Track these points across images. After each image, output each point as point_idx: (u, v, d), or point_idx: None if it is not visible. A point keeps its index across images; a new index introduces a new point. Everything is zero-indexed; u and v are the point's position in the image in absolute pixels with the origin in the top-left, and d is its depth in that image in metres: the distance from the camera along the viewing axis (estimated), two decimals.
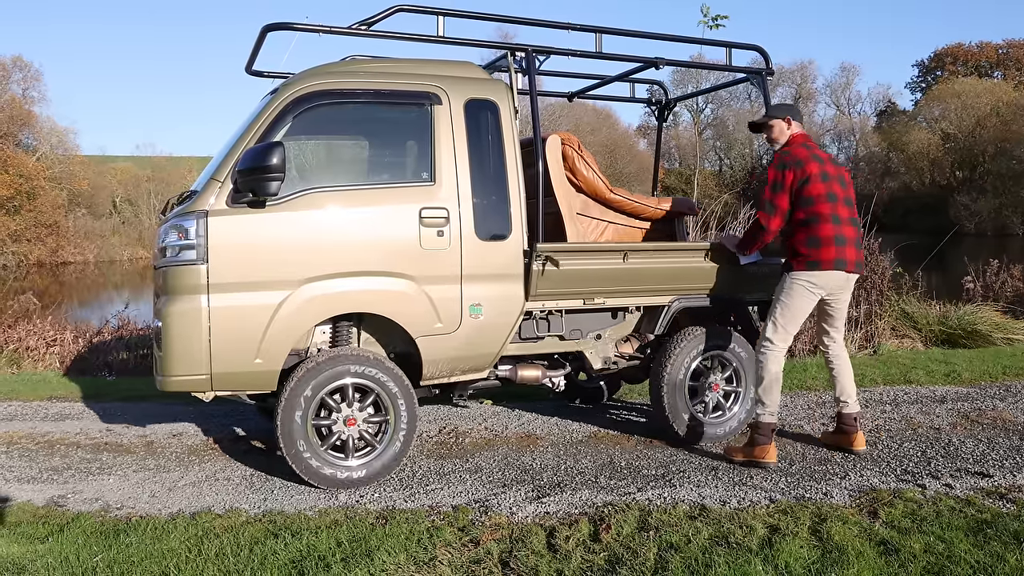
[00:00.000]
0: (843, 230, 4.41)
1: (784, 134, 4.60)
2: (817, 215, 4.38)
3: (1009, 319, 9.50)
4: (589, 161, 5.07)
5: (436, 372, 4.41)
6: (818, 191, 4.39)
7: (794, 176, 4.40)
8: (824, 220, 4.38)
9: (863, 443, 4.62)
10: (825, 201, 4.39)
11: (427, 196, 4.26)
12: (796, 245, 4.44)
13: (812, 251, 4.37)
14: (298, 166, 4.04)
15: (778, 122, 4.61)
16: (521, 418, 5.65)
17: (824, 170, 4.43)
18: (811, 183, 4.38)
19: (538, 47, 4.65)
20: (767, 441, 4.43)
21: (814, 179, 4.38)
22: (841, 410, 4.70)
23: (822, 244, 4.36)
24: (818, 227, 4.38)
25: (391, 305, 4.21)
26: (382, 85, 4.27)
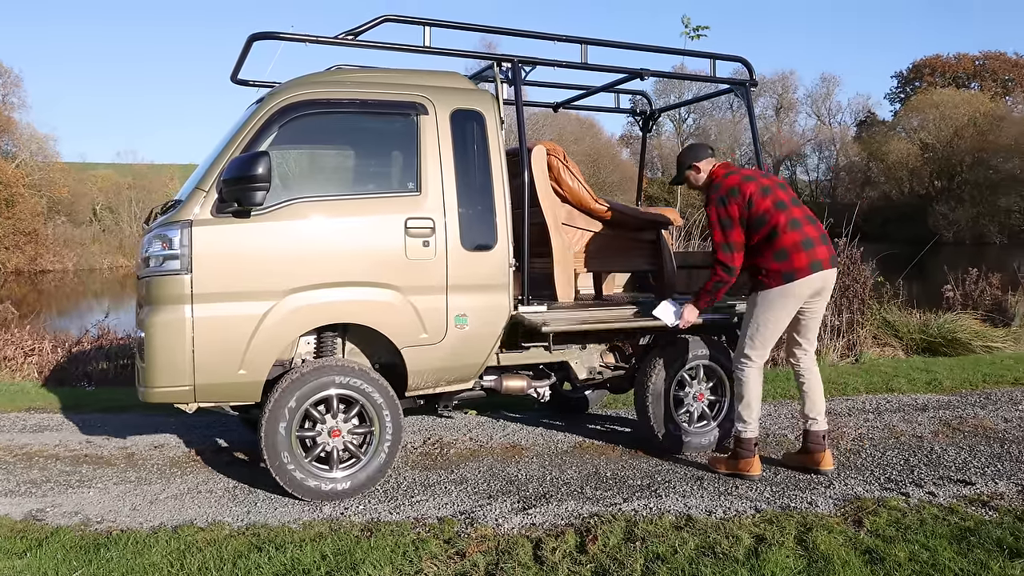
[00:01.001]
0: (806, 231, 4.35)
1: (703, 174, 4.58)
2: (776, 228, 4.32)
3: (988, 327, 9.61)
4: (574, 171, 5.08)
5: (421, 383, 4.40)
6: (766, 206, 4.33)
7: (737, 205, 4.33)
8: (784, 229, 4.32)
9: (831, 462, 4.50)
10: (777, 211, 4.34)
11: (413, 206, 4.26)
12: (765, 264, 4.33)
13: (783, 264, 4.29)
14: (283, 176, 4.02)
15: (689, 172, 4.61)
16: (506, 428, 5.64)
17: (760, 184, 4.39)
18: (755, 203, 4.33)
19: (524, 57, 4.66)
20: (750, 455, 4.43)
21: (756, 197, 4.33)
22: (809, 427, 4.57)
23: (791, 253, 4.29)
24: (781, 238, 4.31)
25: (376, 316, 4.19)
26: (368, 95, 4.26)
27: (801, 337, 4.57)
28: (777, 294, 4.31)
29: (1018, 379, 7.10)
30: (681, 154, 4.72)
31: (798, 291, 4.31)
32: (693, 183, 4.65)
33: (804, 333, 4.55)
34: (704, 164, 4.58)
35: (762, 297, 4.37)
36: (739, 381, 4.47)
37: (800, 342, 4.59)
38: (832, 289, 4.50)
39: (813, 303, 4.42)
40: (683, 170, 4.64)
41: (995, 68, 55.79)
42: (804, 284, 4.30)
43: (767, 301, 4.35)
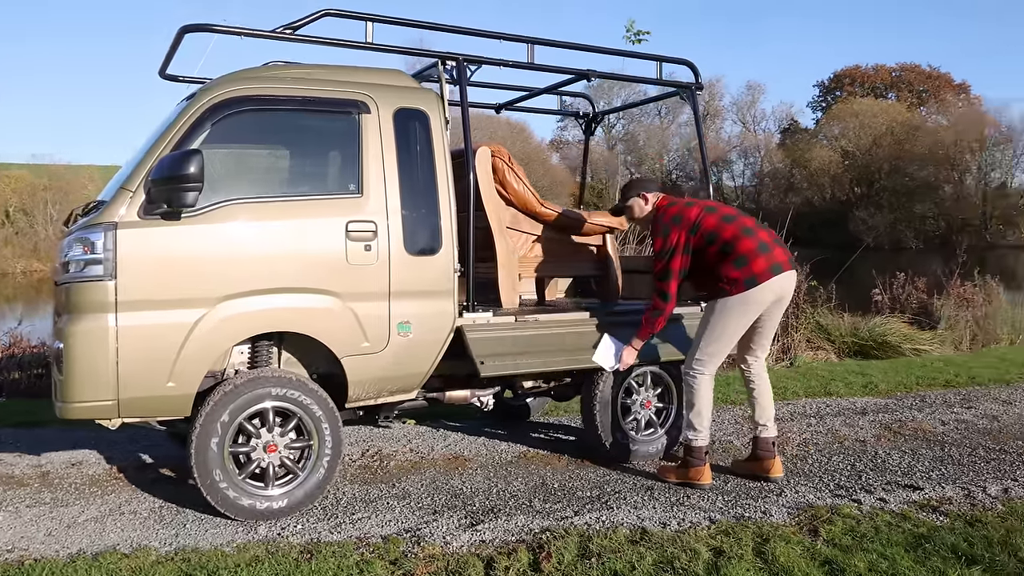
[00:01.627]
0: (760, 236, 4.33)
1: (645, 209, 4.57)
2: (730, 239, 4.28)
3: (915, 330, 9.87)
4: (519, 173, 4.95)
5: (362, 393, 4.20)
6: (714, 222, 4.32)
7: (680, 233, 4.32)
8: (739, 238, 4.28)
9: (781, 469, 4.48)
10: (727, 223, 4.32)
11: (354, 209, 4.06)
12: (726, 273, 4.26)
13: (744, 270, 4.23)
14: (216, 176, 3.78)
15: (636, 200, 4.58)
16: (447, 439, 5.47)
17: (703, 206, 4.42)
18: (703, 223, 4.31)
19: (469, 56, 4.51)
20: (701, 463, 4.36)
21: (703, 218, 4.33)
22: (759, 434, 4.54)
23: (750, 259, 4.25)
24: (737, 247, 4.26)
25: (315, 323, 3.98)
26: (307, 92, 4.05)
27: (755, 344, 4.53)
28: (738, 301, 4.25)
29: (949, 382, 7.25)
30: (631, 184, 4.67)
31: (760, 297, 4.26)
32: (636, 214, 4.64)
33: (758, 340, 4.52)
34: (648, 196, 4.57)
35: (722, 304, 4.30)
36: (690, 388, 4.40)
37: (753, 348, 4.55)
38: (792, 293, 4.48)
39: (773, 309, 4.39)
40: (630, 197, 4.60)
41: (910, 79, 57.93)
42: (766, 289, 4.25)
43: (727, 308, 4.28)
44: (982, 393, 6.77)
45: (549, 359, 4.52)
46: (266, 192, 3.98)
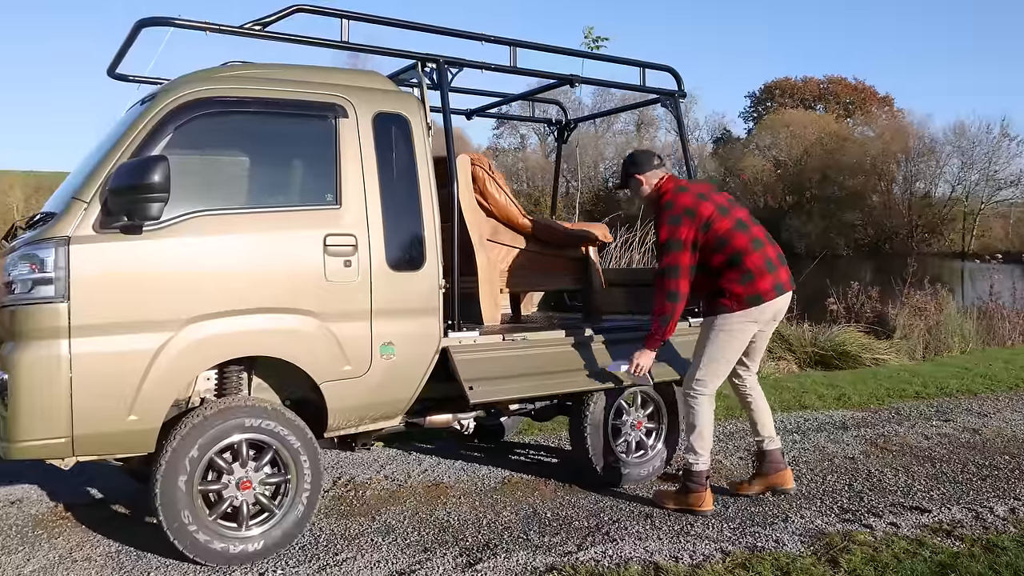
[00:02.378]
0: (767, 252, 4.14)
1: (647, 186, 4.28)
2: (739, 250, 4.06)
3: (873, 339, 9.90)
4: (500, 183, 4.68)
5: (343, 422, 3.86)
6: (726, 227, 4.08)
7: (692, 228, 4.04)
8: (748, 251, 4.08)
9: (792, 480, 4.39)
10: (740, 232, 4.10)
11: (332, 221, 3.73)
12: (729, 287, 4.06)
13: (749, 287, 4.03)
14: (181, 185, 3.41)
15: (633, 180, 4.31)
16: (422, 463, 5.14)
17: (716, 204, 4.14)
18: (714, 223, 4.05)
19: (450, 58, 4.22)
20: (702, 488, 4.14)
21: (715, 218, 4.07)
22: (767, 447, 4.39)
23: (756, 276, 4.05)
24: (744, 261, 4.06)
25: (293, 347, 3.64)
26: (280, 94, 3.71)
27: (748, 359, 4.36)
28: (740, 318, 4.05)
29: (919, 393, 7.23)
30: (627, 160, 4.40)
31: (760, 316, 4.08)
32: (638, 193, 4.34)
33: (752, 355, 4.35)
34: (651, 175, 4.27)
35: (722, 321, 4.09)
36: (691, 410, 4.18)
37: (748, 364, 4.38)
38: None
39: (768, 326, 4.21)
40: (627, 176, 4.32)
41: (837, 91, 59.58)
42: (768, 308, 4.08)
43: (728, 326, 4.08)
44: (954, 405, 6.75)
45: (543, 382, 4.24)
46: (236, 203, 3.63)
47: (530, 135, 62.20)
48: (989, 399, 7.00)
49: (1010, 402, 6.83)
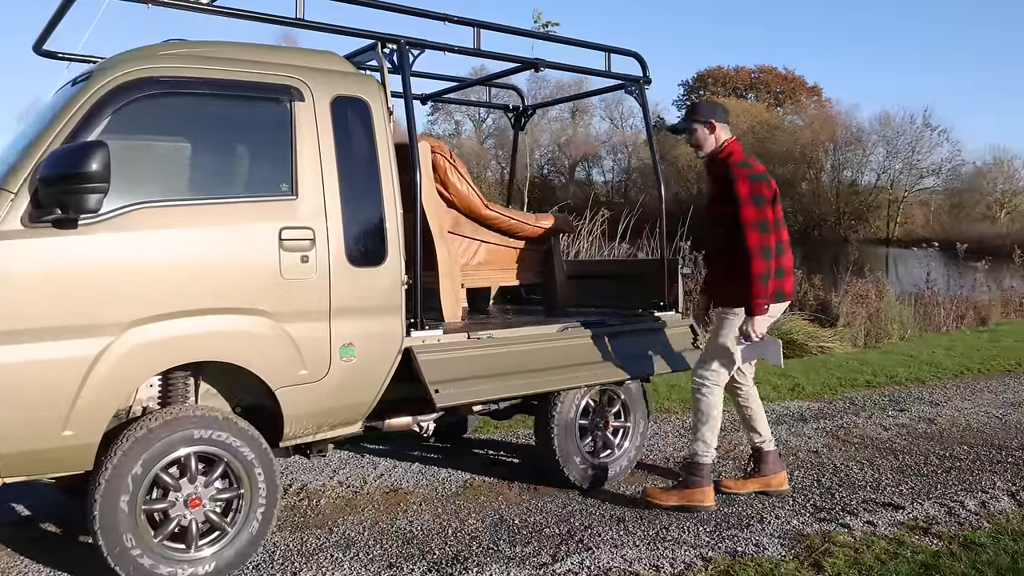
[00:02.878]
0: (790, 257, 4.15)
1: (708, 141, 4.09)
2: (781, 242, 3.99)
3: (818, 327, 9.96)
4: (462, 172, 4.45)
5: (300, 430, 3.60)
6: (778, 214, 4.02)
7: (770, 193, 3.95)
8: (785, 248, 4.06)
9: (787, 481, 4.33)
10: (781, 227, 4.06)
11: (288, 213, 3.45)
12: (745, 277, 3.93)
13: (779, 283, 3.97)
14: (121, 175, 3.09)
15: (701, 128, 4.10)
16: (377, 467, 4.90)
17: (774, 189, 4.04)
18: (774, 205, 3.99)
19: (412, 39, 3.96)
20: (707, 483, 4.05)
21: (775, 200, 4.01)
22: (766, 448, 4.29)
23: (785, 273, 4.06)
24: (781, 257, 3.98)
25: (246, 350, 3.35)
26: (230, 74, 3.40)
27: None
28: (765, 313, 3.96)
29: (869, 382, 7.27)
30: (700, 104, 4.21)
31: (776, 313, 4.09)
32: (697, 142, 4.12)
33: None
34: (721, 129, 4.10)
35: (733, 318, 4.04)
36: (705, 401, 4.09)
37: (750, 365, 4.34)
38: None
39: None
40: (694, 122, 4.10)
41: (768, 81, 60.61)
42: (779, 308, 4.12)
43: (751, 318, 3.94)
44: (905, 394, 6.79)
45: (513, 382, 4.03)
46: (182, 195, 3.32)
47: (465, 121, 61.74)
48: (938, 387, 7.07)
49: (958, 390, 6.91)
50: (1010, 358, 8.33)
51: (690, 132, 4.15)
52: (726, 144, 4.08)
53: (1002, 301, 12.87)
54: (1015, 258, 13.99)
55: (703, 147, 4.12)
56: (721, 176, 3.99)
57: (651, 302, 4.86)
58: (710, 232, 4.21)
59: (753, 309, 3.89)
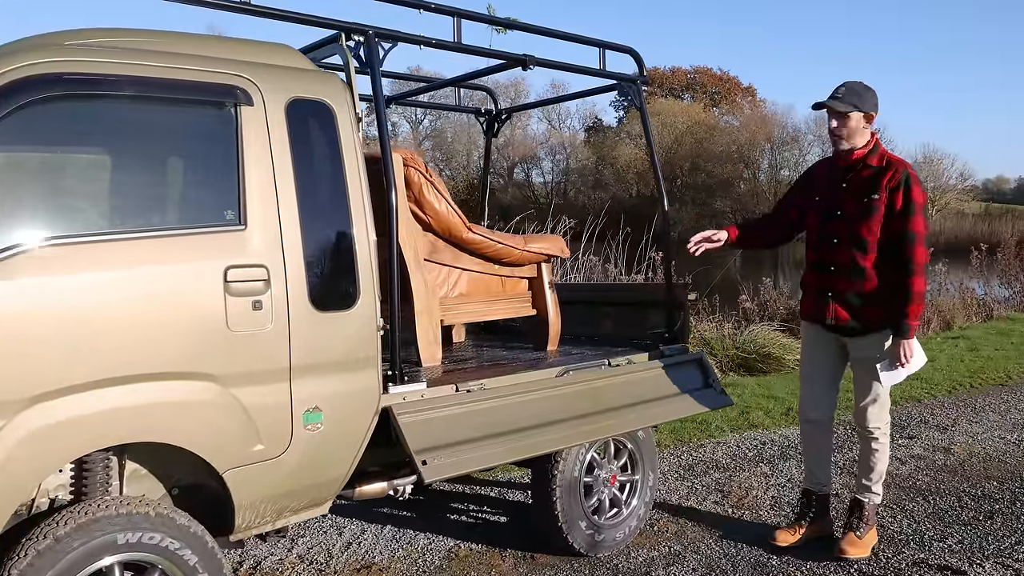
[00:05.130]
0: None
1: (857, 132, 3.57)
2: None
3: (792, 339, 9.51)
4: (440, 189, 3.77)
5: (256, 519, 2.87)
6: None
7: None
8: None
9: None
10: None
11: (234, 247, 2.73)
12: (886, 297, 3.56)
13: None
14: (14, 201, 2.34)
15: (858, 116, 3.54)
16: (343, 532, 4.17)
17: None
18: None
19: (383, 30, 3.26)
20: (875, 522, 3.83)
21: None
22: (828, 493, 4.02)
23: None
24: None
25: (184, 426, 2.62)
26: (159, 71, 2.66)
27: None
28: None
29: None
30: (861, 85, 3.60)
31: None
32: (847, 131, 3.55)
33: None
34: (870, 126, 3.61)
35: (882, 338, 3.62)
36: (882, 449, 3.74)
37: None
38: None
39: None
40: (854, 105, 3.52)
41: (704, 81, 60.97)
42: None
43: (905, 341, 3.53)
44: (905, 416, 6.32)
45: (515, 443, 3.33)
46: (96, 226, 2.56)
47: (401, 123, 60.58)
48: (936, 406, 6.63)
49: (960, 410, 6.48)
50: (998, 370, 7.98)
51: (847, 116, 3.55)
52: (879, 145, 3.61)
53: (963, 304, 12.66)
54: (972, 259, 13.83)
55: (848, 137, 3.58)
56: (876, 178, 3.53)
57: (654, 332, 4.26)
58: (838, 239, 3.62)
59: (911, 330, 3.49)
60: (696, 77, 60.87)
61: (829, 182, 3.69)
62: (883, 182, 3.49)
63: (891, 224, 3.47)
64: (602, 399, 3.68)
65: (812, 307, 3.76)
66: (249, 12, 3.02)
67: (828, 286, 3.64)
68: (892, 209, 3.47)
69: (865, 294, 3.55)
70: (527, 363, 3.83)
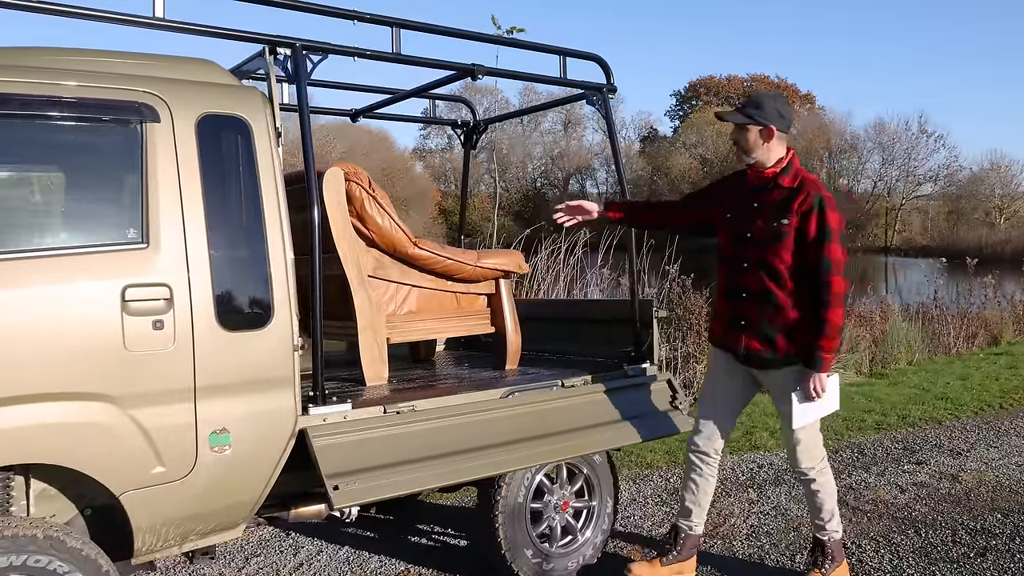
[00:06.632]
0: None
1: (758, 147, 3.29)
2: None
3: None
4: (384, 204, 3.66)
5: (157, 542, 2.79)
6: None
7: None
8: None
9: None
10: None
11: (135, 266, 2.67)
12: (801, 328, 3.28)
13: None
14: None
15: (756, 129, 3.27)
16: (299, 553, 4.09)
17: None
18: None
19: (310, 42, 3.19)
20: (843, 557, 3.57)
21: None
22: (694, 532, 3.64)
23: None
24: None
25: (75, 448, 2.56)
26: (59, 89, 2.62)
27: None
28: None
29: (879, 424, 6.46)
30: (765, 96, 3.42)
31: None
32: (747, 145, 3.31)
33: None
34: (779, 139, 3.30)
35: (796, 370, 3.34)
36: (825, 488, 3.50)
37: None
38: None
39: None
40: (751, 116, 3.28)
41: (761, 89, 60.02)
42: None
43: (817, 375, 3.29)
44: (921, 439, 5.98)
45: (444, 468, 3.19)
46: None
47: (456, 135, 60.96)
48: (957, 429, 6.26)
49: (980, 433, 6.11)
50: None
51: (744, 134, 3.32)
52: (796, 163, 3.32)
53: (1014, 317, 12.07)
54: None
55: (753, 152, 3.32)
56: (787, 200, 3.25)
57: (620, 351, 4.08)
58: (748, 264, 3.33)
59: (825, 363, 3.23)
60: (753, 85, 59.85)
61: (740, 199, 3.40)
62: (794, 205, 3.21)
63: (805, 251, 3.19)
64: (549, 422, 3.53)
65: (723, 335, 3.49)
66: (164, 28, 2.96)
67: (740, 314, 3.37)
68: (805, 235, 3.18)
69: (779, 325, 3.27)
70: (475, 383, 3.70)
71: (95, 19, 2.84)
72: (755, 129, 3.28)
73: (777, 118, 3.28)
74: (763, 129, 3.27)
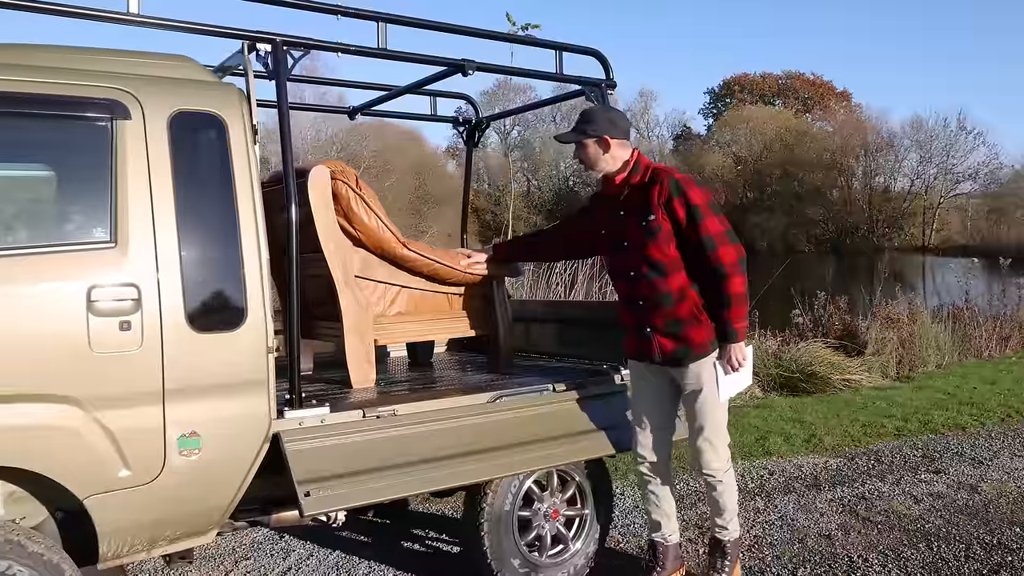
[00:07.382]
0: None
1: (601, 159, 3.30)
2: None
3: (841, 356, 8.94)
4: (371, 203, 3.58)
5: (123, 546, 2.74)
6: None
7: None
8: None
9: None
10: None
11: (102, 266, 2.62)
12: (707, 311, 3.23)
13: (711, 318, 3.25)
14: None
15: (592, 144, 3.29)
16: (288, 557, 4.03)
17: None
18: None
19: (291, 38, 3.12)
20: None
21: None
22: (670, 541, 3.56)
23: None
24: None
25: (36, 450, 2.51)
26: (26, 85, 2.58)
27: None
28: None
29: (900, 430, 6.26)
30: (595, 109, 3.43)
31: None
32: (589, 160, 3.33)
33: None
34: (620, 145, 3.30)
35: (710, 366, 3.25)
36: (729, 491, 3.39)
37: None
38: None
39: None
40: (584, 132, 3.29)
41: (796, 87, 59.16)
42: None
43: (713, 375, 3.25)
44: (943, 446, 5.77)
45: (423, 474, 3.10)
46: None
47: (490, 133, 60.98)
48: (981, 436, 6.04)
49: (1005, 441, 5.88)
50: None
51: (584, 149, 3.34)
52: (635, 160, 3.31)
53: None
54: None
55: (596, 166, 3.35)
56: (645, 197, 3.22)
57: (614, 355, 3.96)
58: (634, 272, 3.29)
59: (739, 334, 3.21)
60: (788, 82, 59.16)
61: (607, 213, 3.38)
62: (653, 199, 3.17)
63: (686, 237, 3.14)
64: (537, 427, 3.42)
65: (635, 345, 3.40)
66: (139, 24, 2.90)
67: (643, 322, 3.30)
68: (677, 222, 3.14)
69: (684, 319, 3.21)
70: (462, 387, 3.60)
71: (67, 15, 2.80)
72: (591, 143, 3.30)
73: (610, 127, 3.29)
74: (599, 140, 3.28)
